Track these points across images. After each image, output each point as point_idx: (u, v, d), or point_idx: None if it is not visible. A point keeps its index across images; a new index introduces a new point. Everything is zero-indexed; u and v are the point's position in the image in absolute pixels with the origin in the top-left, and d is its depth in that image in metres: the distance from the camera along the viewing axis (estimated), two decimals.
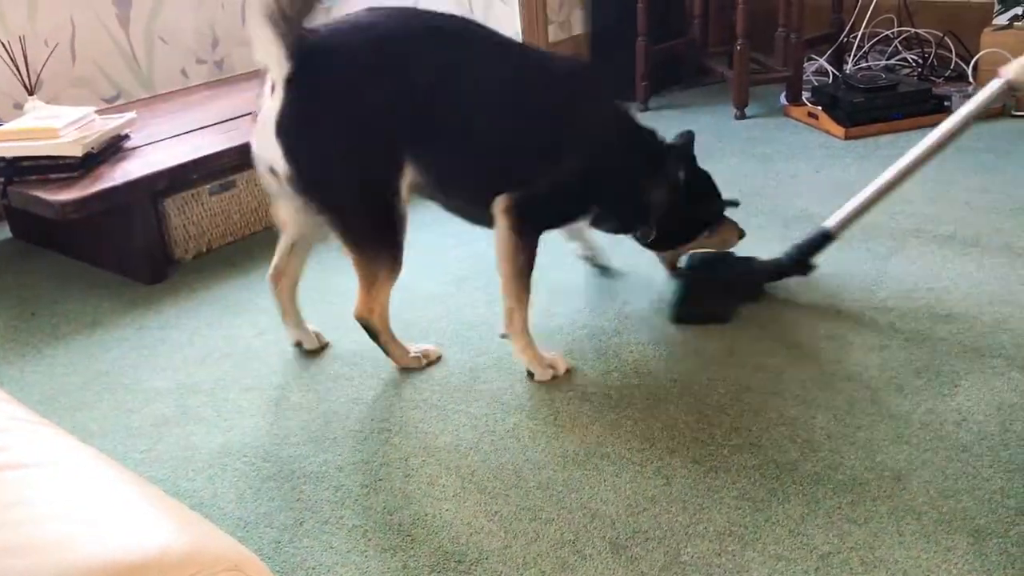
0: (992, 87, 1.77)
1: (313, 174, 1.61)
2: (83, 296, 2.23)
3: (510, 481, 1.48)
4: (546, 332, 1.91)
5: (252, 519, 1.44)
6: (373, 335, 1.78)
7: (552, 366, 1.77)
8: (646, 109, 3.43)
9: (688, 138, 1.96)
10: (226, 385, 1.81)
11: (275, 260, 1.86)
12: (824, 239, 1.96)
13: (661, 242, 1.96)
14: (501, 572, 1.30)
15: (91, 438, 1.66)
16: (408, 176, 1.66)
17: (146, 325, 2.07)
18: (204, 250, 2.42)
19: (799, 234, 2.03)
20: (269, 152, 1.61)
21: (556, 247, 2.22)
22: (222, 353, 1.93)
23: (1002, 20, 3.10)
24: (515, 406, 1.68)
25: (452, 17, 1.74)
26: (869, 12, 3.51)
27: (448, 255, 2.29)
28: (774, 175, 2.67)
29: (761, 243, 2.23)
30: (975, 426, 1.53)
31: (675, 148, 1.92)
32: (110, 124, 2.34)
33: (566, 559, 1.31)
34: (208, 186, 2.40)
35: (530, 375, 1.76)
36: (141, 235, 2.25)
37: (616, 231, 1.96)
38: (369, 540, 1.38)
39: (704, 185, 1.98)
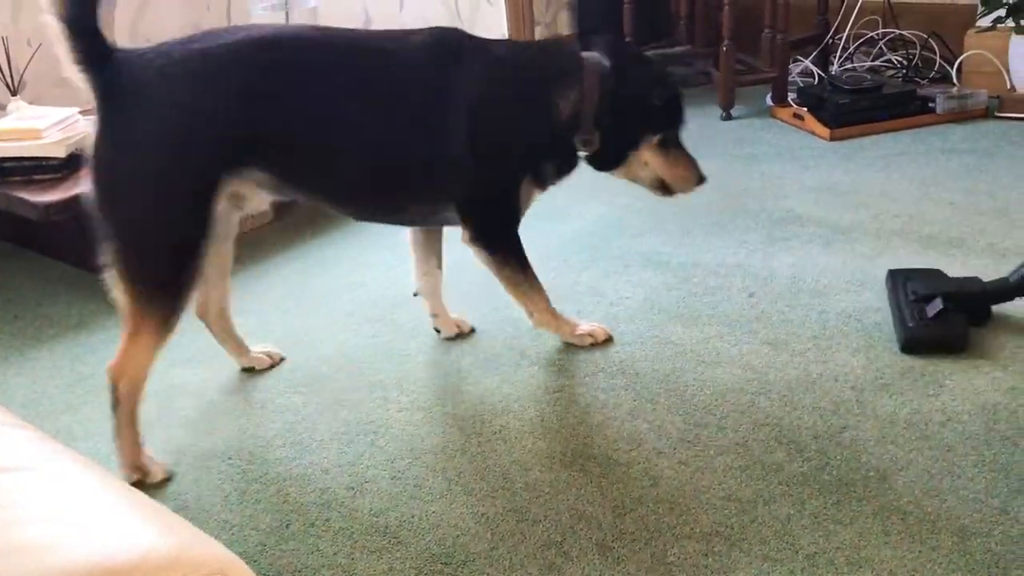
0: None
1: (105, 200, 1.46)
2: (68, 298, 2.21)
3: (497, 483, 1.48)
4: (533, 331, 1.90)
5: (237, 522, 1.43)
6: (113, 403, 1.51)
7: (592, 334, 1.83)
8: None
9: (610, 38, 1.81)
10: (211, 387, 1.80)
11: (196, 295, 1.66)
12: None
13: (605, 152, 1.74)
14: (488, 574, 1.30)
15: (75, 441, 1.65)
16: (237, 192, 1.58)
17: None
18: None
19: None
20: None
21: (540, 247, 2.22)
22: (207, 355, 1.91)
23: (985, 22, 3.11)
24: (502, 408, 1.68)
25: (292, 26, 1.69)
26: (854, 14, 3.53)
27: None
28: (760, 176, 2.68)
29: (746, 245, 2.24)
30: (959, 426, 1.54)
31: (607, 40, 1.77)
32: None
33: (552, 560, 1.31)
34: None
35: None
36: None
37: (562, 168, 1.76)
38: (355, 542, 1.37)
39: (647, 70, 1.76)
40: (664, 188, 1.82)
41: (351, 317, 2.04)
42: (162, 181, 1.49)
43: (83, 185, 1.55)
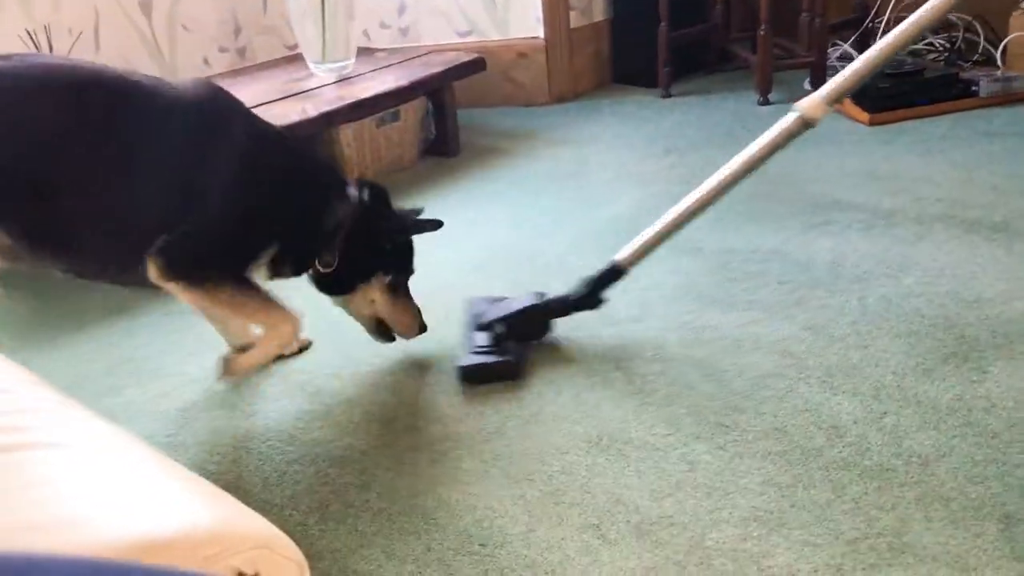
0: (786, 121, 1.67)
1: None
2: (106, 285, 2.24)
3: (534, 466, 1.48)
4: (570, 318, 1.90)
5: (278, 502, 1.45)
6: None
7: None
8: (668, 95, 3.41)
9: (370, 180, 1.80)
10: None
11: None
12: (614, 274, 1.78)
13: (336, 282, 1.75)
14: (524, 555, 1.30)
15: (116, 423, 1.67)
16: None
17: (172, 311, 2.08)
18: None
19: (591, 272, 1.83)
20: None
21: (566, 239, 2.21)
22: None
23: None
24: (538, 392, 1.68)
25: (45, 63, 1.58)
26: None
27: (465, 244, 2.28)
28: (797, 162, 2.65)
29: (784, 230, 2.22)
30: (1004, 412, 1.51)
31: (364, 180, 1.77)
32: None
33: (589, 543, 1.31)
34: None
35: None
36: None
37: (296, 271, 1.73)
38: (394, 523, 1.38)
39: (394, 224, 1.77)
40: (384, 332, 1.82)
41: None
42: None
43: None
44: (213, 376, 1.78)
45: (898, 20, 3.50)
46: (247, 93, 2.73)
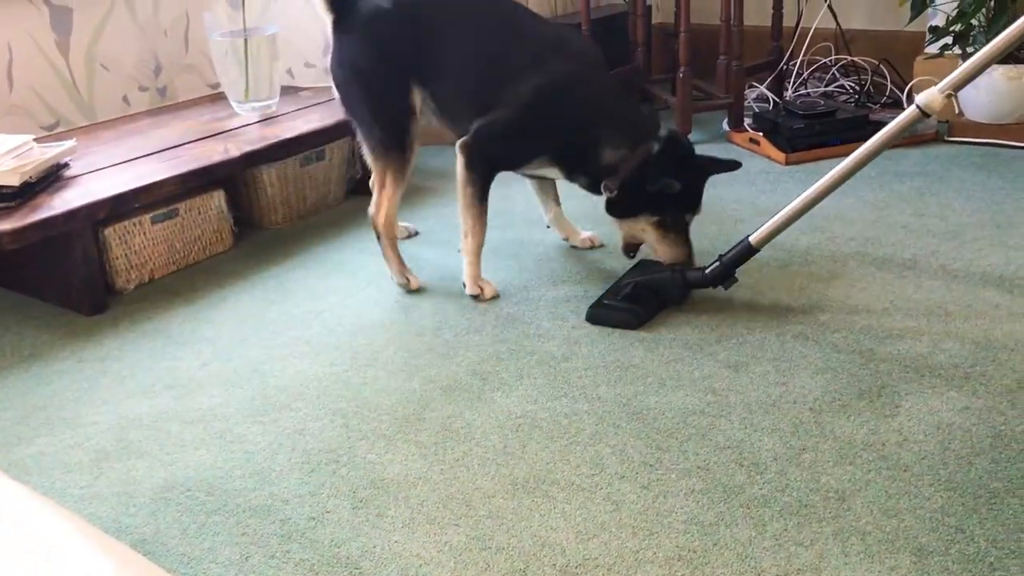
0: (909, 112, 1.83)
1: (347, 97, 2.21)
2: (20, 328, 2.17)
3: (459, 511, 1.47)
4: (494, 356, 1.91)
5: (196, 555, 1.41)
6: (377, 236, 2.23)
7: (482, 288, 2.16)
8: None
9: (677, 133, 2.20)
10: (168, 418, 1.78)
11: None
12: (748, 251, 1.99)
13: (617, 205, 2.12)
14: None
15: (27, 475, 1.62)
16: (418, 99, 2.16)
17: (86, 358, 2.02)
18: (146, 280, 2.38)
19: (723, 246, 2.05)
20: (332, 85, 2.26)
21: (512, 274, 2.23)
22: (164, 385, 1.89)
23: (933, 49, 3.20)
24: (465, 435, 1.67)
25: None
26: (807, 40, 3.60)
27: (388, 287, 2.27)
28: (717, 200, 2.71)
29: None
30: (916, 446, 1.56)
31: (673, 134, 2.14)
32: (49, 152, 2.29)
33: None
34: (150, 215, 2.36)
35: (465, 286, 2.18)
36: (81, 265, 2.20)
37: (584, 186, 2.17)
38: (316, 574, 1.36)
39: (678, 175, 2.06)
40: (632, 251, 2.23)
41: (309, 345, 2.02)
42: (384, 86, 2.19)
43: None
44: (128, 425, 1.73)
45: (811, 63, 3.64)
46: (169, 133, 2.69)
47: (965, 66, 1.77)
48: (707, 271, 2.03)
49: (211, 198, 2.52)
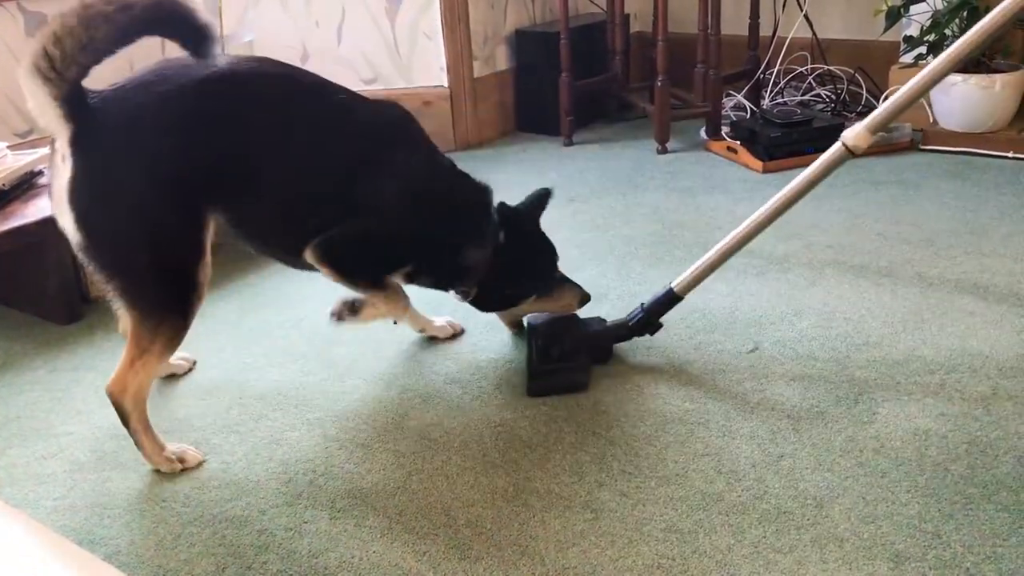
0: (835, 150, 1.74)
1: (102, 238, 1.51)
2: None
3: (439, 520, 1.46)
4: (473, 365, 1.90)
5: (172, 566, 1.39)
6: (123, 418, 1.60)
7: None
8: (571, 143, 3.47)
9: (537, 197, 1.93)
10: None
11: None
12: (671, 299, 1.89)
13: (484, 303, 1.91)
14: None
15: (0, 487, 1.59)
16: (212, 230, 1.61)
17: (59, 367, 2.00)
18: None
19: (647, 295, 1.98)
20: (64, 221, 1.52)
21: None
22: None
23: (908, 58, 3.23)
24: (444, 443, 1.66)
25: (260, 61, 1.71)
26: (784, 49, 3.63)
27: None
28: (695, 208, 2.72)
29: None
30: (892, 452, 1.57)
31: (506, 209, 1.86)
32: (23, 160, 2.27)
33: None
34: None
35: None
36: (55, 274, 2.18)
37: (434, 287, 1.88)
38: None
39: (535, 249, 1.92)
40: (520, 328, 2.05)
41: (287, 354, 2.01)
42: (160, 219, 1.55)
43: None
44: (103, 436, 1.71)
45: (787, 72, 3.66)
46: None
47: (889, 103, 1.68)
48: (631, 322, 1.91)
49: None
